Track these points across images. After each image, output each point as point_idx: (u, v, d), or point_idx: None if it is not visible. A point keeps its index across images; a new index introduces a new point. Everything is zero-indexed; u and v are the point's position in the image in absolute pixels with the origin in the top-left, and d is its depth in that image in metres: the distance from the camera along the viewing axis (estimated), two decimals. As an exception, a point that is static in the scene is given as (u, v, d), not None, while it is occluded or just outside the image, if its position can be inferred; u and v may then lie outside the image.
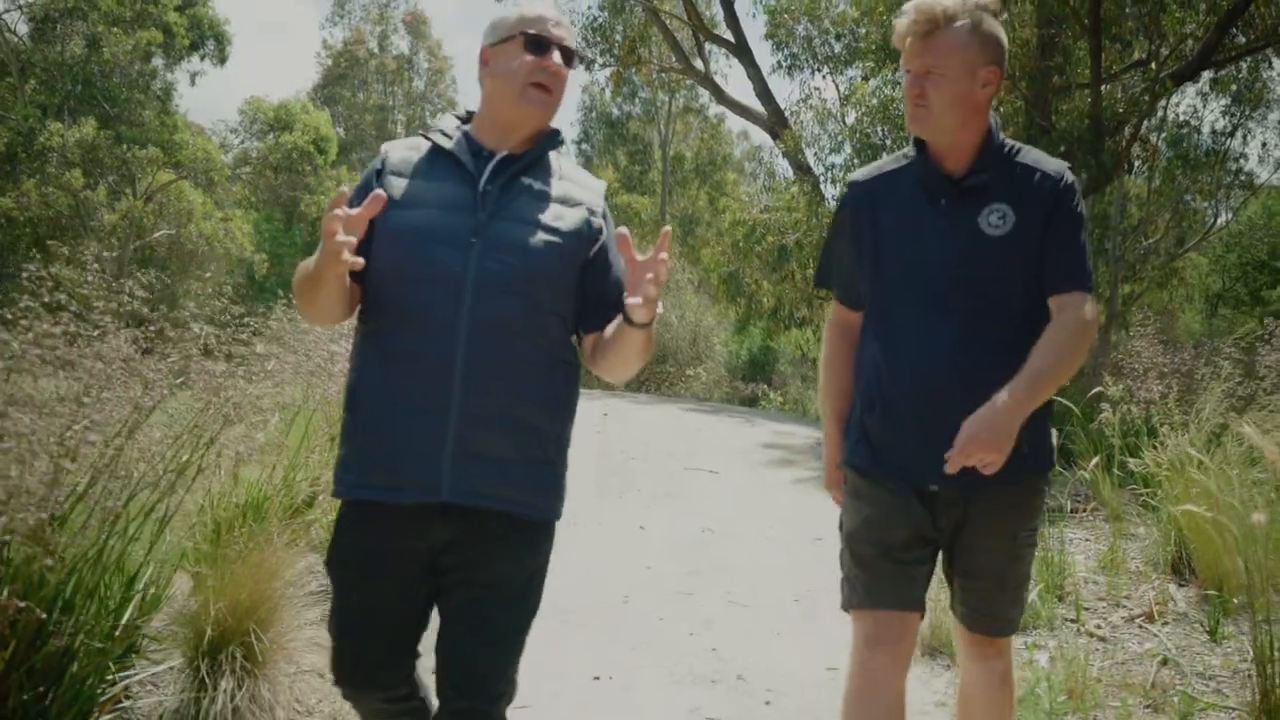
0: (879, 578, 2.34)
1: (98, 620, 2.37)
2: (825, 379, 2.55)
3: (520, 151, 2.10)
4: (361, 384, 2.03)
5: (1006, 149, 2.30)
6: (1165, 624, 4.25)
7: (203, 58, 29.05)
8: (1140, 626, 4.25)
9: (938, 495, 2.29)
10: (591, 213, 2.12)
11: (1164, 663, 3.81)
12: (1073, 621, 4.27)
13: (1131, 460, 5.19)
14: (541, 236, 2.03)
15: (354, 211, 1.84)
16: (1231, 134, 25.32)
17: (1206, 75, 16.59)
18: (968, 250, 2.24)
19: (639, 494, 6.82)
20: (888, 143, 13.38)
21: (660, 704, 3.46)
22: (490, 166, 2.06)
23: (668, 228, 1.95)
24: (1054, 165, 2.30)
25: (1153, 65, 13.35)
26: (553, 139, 2.15)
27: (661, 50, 18.29)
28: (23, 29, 26.88)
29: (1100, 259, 26.94)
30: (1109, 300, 27.32)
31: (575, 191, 2.13)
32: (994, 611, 2.41)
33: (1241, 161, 26.73)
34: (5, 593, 1.98)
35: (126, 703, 2.73)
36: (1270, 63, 17.53)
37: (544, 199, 2.07)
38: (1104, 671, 3.71)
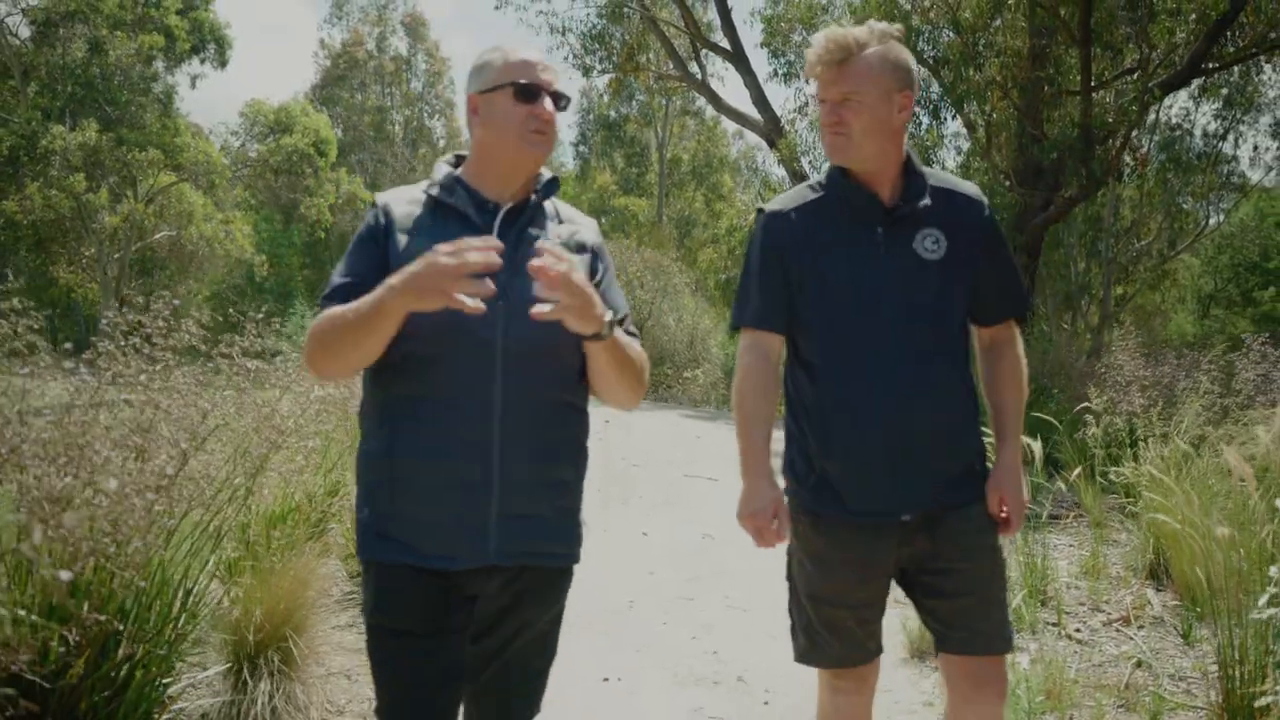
0: (850, 641, 2.38)
1: (160, 629, 2.60)
2: (750, 407, 2.44)
3: (522, 201, 2.09)
4: (396, 451, 2.00)
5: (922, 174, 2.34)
6: (1141, 628, 4.49)
7: (203, 61, 29.21)
8: (1118, 630, 4.49)
9: (905, 525, 2.29)
10: (595, 254, 2.15)
11: (1138, 665, 4.05)
12: (1054, 625, 4.51)
13: (1113, 470, 5.44)
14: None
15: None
16: (1223, 137, 25.59)
17: (1196, 82, 16.83)
18: (910, 276, 2.27)
19: (641, 501, 7.05)
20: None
21: (665, 704, 3.69)
22: (499, 221, 2.04)
23: (543, 241, 1.90)
24: (972, 189, 2.37)
25: (1138, 76, 13.55)
26: (552, 187, 2.15)
27: (659, 57, 18.52)
28: (24, 32, 26.91)
29: (1094, 261, 27.21)
30: (1101, 301, 27.57)
31: (578, 232, 2.15)
32: (990, 629, 2.35)
33: (1233, 165, 27.02)
34: (85, 607, 2.22)
35: (176, 706, 2.96)
36: (1261, 67, 17.75)
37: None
38: (1081, 673, 3.95)
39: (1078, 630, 4.48)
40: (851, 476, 2.29)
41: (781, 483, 2.43)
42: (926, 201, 2.29)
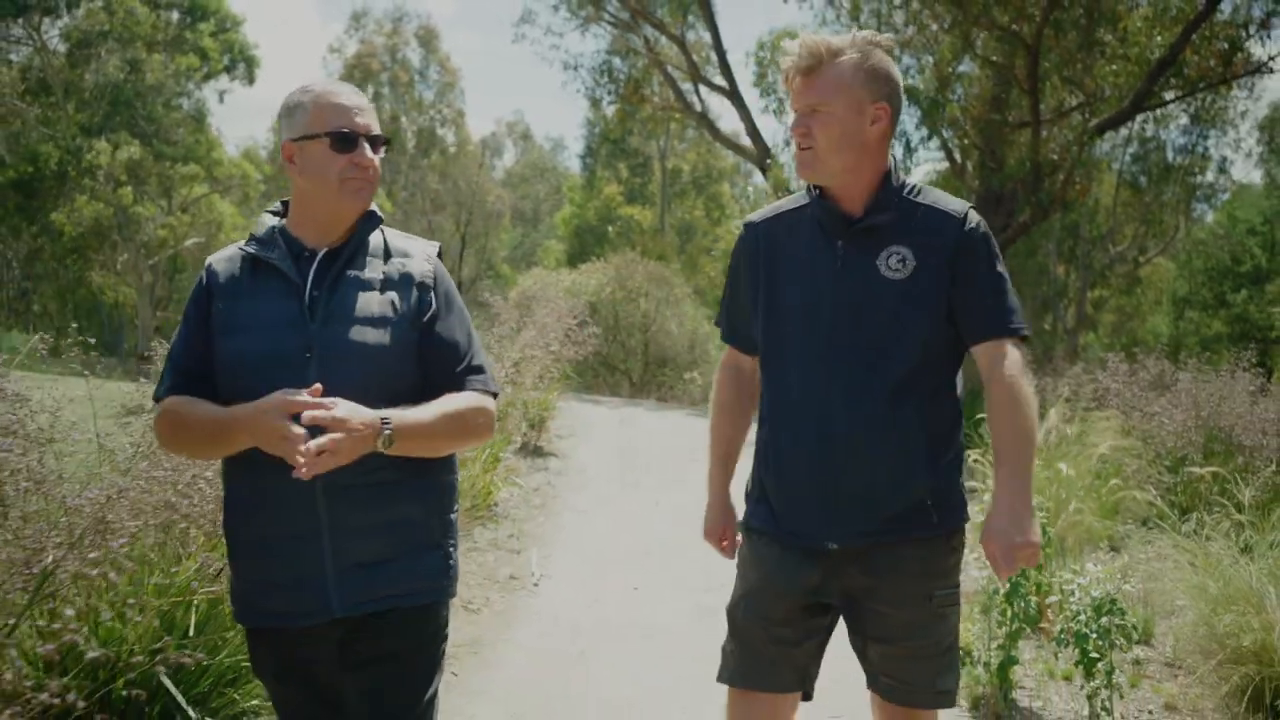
0: (754, 656, 2.25)
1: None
2: (714, 423, 2.44)
3: (341, 244, 2.02)
4: (233, 512, 2.00)
5: (908, 190, 2.16)
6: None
7: (233, 79, 30.94)
8: (983, 565, 6.50)
9: (835, 555, 2.16)
10: (423, 287, 2.04)
11: (990, 581, 6.05)
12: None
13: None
14: (378, 333, 1.95)
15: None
16: (1191, 150, 27.34)
17: (1139, 118, 18.74)
18: (864, 294, 2.12)
19: (652, 480, 9.04)
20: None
21: (672, 601, 5.68)
22: (314, 268, 1.98)
23: (316, 386, 1.84)
24: (956, 205, 2.15)
25: (1081, 115, 15.37)
26: (370, 222, 2.05)
27: (662, 88, 20.49)
28: (62, 49, 28.21)
29: (1071, 266, 28.94)
30: (1078, 304, 29.32)
31: (406, 266, 2.05)
32: (916, 681, 2.23)
33: (1202, 176, 28.75)
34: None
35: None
36: (1228, 84, 19.49)
37: (374, 287, 2.00)
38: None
39: (956, 563, 6.48)
40: (784, 496, 2.22)
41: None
42: (890, 216, 2.13)
